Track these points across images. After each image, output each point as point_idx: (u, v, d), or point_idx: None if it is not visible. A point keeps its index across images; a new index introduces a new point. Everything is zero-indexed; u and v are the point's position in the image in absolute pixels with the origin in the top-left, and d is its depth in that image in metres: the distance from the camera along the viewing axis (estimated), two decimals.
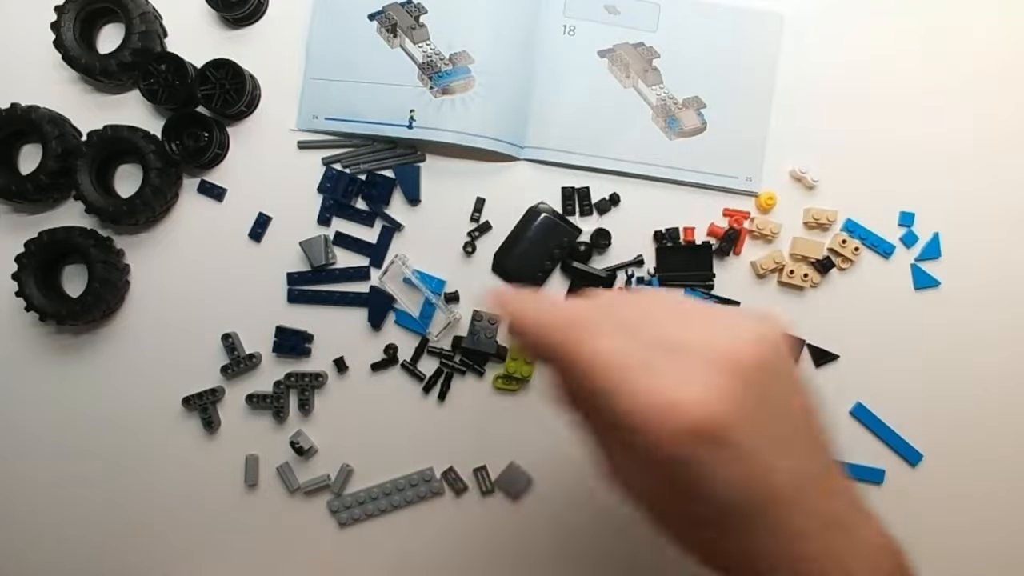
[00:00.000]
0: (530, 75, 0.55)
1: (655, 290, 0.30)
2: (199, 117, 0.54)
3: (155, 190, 0.53)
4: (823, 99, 0.55)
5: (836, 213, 0.54)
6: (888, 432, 0.54)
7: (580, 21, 0.55)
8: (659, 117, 0.55)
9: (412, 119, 0.53)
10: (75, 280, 0.56)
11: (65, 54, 0.54)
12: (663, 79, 0.54)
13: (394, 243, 0.56)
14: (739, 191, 0.55)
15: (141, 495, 0.57)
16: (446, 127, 0.53)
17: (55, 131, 0.53)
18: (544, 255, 0.55)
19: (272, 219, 0.56)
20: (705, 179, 0.55)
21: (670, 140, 0.55)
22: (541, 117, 0.55)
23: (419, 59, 0.54)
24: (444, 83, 0.53)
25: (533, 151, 0.55)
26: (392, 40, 0.54)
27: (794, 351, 0.29)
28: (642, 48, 0.55)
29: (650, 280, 0.54)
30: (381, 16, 0.55)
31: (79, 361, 0.57)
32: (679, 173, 0.55)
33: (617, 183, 0.55)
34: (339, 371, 0.56)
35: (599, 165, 0.55)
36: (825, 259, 0.54)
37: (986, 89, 0.55)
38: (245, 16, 0.55)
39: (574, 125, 0.55)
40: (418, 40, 0.54)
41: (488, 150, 0.54)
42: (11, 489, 0.57)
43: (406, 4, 0.54)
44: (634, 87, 0.54)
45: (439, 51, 0.53)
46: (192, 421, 0.56)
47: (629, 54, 0.55)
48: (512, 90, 0.54)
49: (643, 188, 0.55)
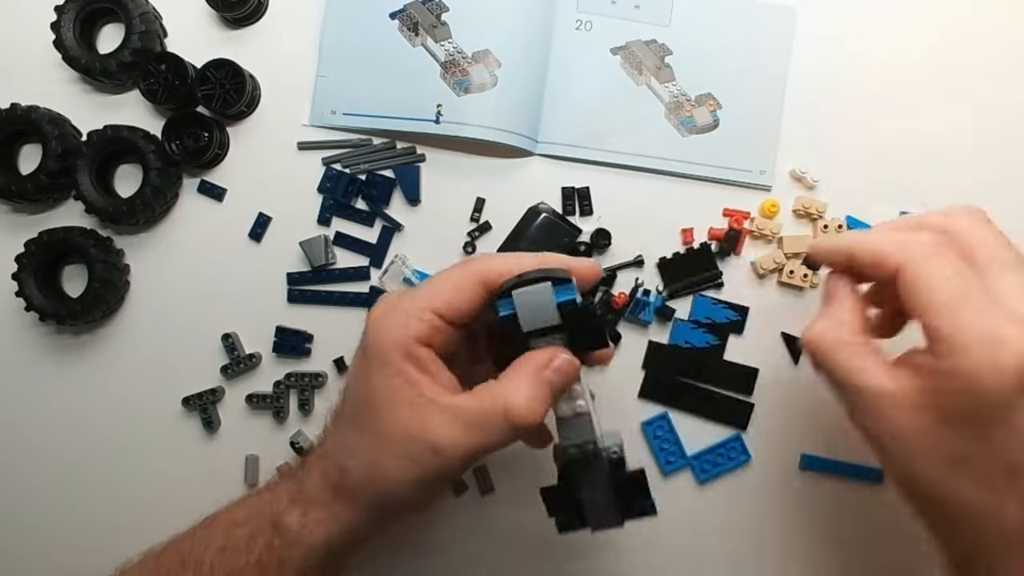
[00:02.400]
0: (544, 71, 0.55)
1: (991, 227, 0.34)
2: (199, 117, 0.54)
3: (155, 190, 0.53)
4: (822, 99, 0.55)
5: (826, 205, 0.54)
6: None
7: (595, 16, 0.55)
8: (672, 114, 0.55)
9: (440, 114, 0.53)
10: (75, 280, 0.56)
11: (65, 54, 0.54)
12: (675, 76, 0.55)
13: (394, 243, 0.56)
14: (753, 185, 0.55)
15: (141, 495, 0.56)
16: (471, 122, 0.53)
17: (55, 131, 0.53)
18: None
19: (272, 219, 0.56)
20: (718, 173, 0.55)
21: (683, 137, 0.55)
22: (554, 113, 0.55)
23: (441, 57, 0.54)
24: (467, 83, 0.53)
25: (546, 146, 0.55)
26: (414, 39, 0.54)
27: None
28: (654, 45, 0.55)
29: (658, 294, 0.54)
30: (402, 14, 0.54)
31: (79, 361, 0.57)
32: (692, 167, 0.55)
33: (630, 178, 0.55)
34: (339, 371, 0.56)
35: (611, 160, 0.55)
36: None
37: (987, 89, 0.55)
38: (245, 16, 0.55)
39: (586, 121, 0.55)
40: (440, 38, 0.54)
41: (506, 145, 0.54)
42: (10, 489, 0.57)
43: (427, 2, 0.54)
44: (647, 84, 0.54)
45: (461, 49, 0.53)
46: (192, 421, 0.56)
47: (641, 51, 0.55)
48: (529, 86, 0.54)
49: (655, 183, 0.55)
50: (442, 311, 0.37)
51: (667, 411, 0.54)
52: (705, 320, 0.54)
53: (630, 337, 0.55)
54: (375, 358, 0.37)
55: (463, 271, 0.38)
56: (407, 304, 0.37)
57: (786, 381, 0.54)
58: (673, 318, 0.54)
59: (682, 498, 0.54)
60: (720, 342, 0.54)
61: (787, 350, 0.54)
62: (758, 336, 0.54)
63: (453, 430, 0.35)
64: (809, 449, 0.54)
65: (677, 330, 0.54)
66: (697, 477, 0.54)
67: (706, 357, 0.54)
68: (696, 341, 0.54)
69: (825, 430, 0.54)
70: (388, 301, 0.39)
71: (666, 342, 0.55)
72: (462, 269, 0.38)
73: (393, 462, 0.36)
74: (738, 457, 0.54)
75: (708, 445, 0.54)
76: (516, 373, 0.36)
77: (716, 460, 0.54)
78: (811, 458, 0.54)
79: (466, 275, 0.38)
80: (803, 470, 0.54)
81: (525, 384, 0.35)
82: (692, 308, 0.54)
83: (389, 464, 0.36)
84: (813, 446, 0.54)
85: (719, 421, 0.54)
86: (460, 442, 0.35)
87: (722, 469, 0.54)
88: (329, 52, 0.56)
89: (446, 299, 0.37)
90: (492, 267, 0.37)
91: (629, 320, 0.55)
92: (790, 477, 0.54)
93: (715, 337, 0.54)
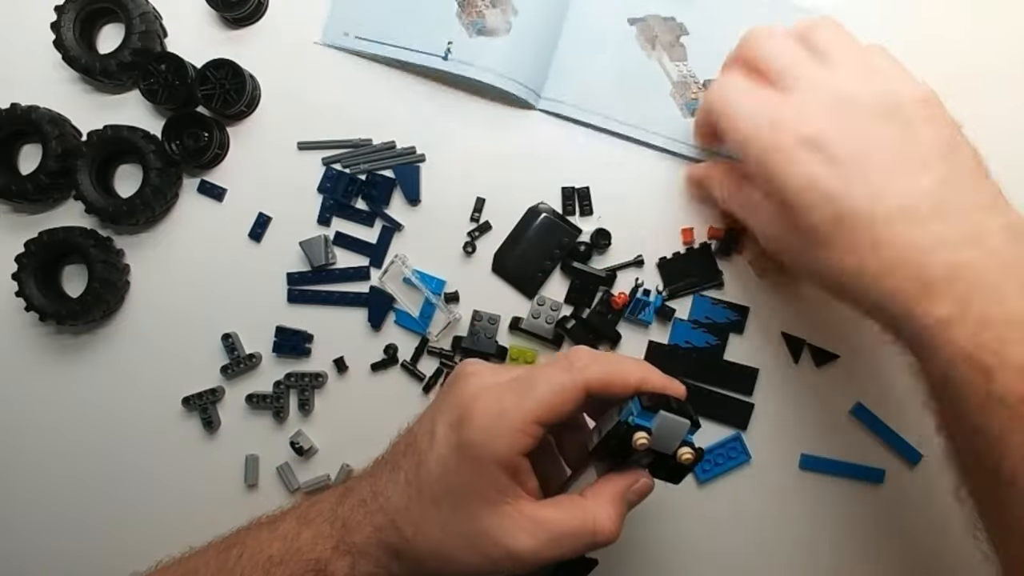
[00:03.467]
0: (559, 28, 0.55)
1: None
2: (199, 117, 0.54)
3: (155, 190, 0.53)
4: None
5: None
6: (888, 432, 0.54)
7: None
8: (677, 94, 0.54)
9: (448, 51, 0.53)
10: (75, 280, 0.56)
11: (65, 54, 0.54)
12: (688, 56, 0.54)
13: (394, 243, 0.56)
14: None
15: (141, 495, 0.57)
16: (478, 63, 0.53)
17: (55, 131, 0.53)
18: (544, 255, 0.55)
19: (272, 219, 0.56)
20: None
21: (685, 118, 0.54)
22: (561, 71, 0.55)
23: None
24: (481, 24, 0.54)
25: (549, 103, 0.55)
26: None
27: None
28: (672, 23, 0.54)
29: (658, 294, 0.54)
30: None
31: (79, 361, 0.57)
32: (691, 149, 0.54)
33: (627, 151, 0.55)
34: (339, 371, 0.56)
35: (610, 127, 0.55)
36: None
37: (987, 89, 0.55)
38: (245, 16, 0.56)
39: (591, 84, 0.55)
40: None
41: (509, 94, 0.54)
42: (10, 489, 0.57)
43: None
44: (658, 60, 0.54)
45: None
46: (192, 421, 0.56)
47: (659, 26, 0.54)
48: (541, 40, 0.54)
49: (654, 162, 0.55)
50: (546, 420, 0.36)
51: None
52: (705, 320, 0.54)
53: (630, 337, 0.55)
54: (474, 461, 0.36)
55: (571, 378, 0.37)
56: (514, 414, 0.36)
57: (786, 381, 0.54)
58: (673, 318, 0.54)
59: (682, 498, 0.54)
60: (720, 342, 0.54)
61: (787, 350, 0.54)
62: (758, 336, 0.54)
63: (535, 542, 0.36)
64: (809, 449, 0.54)
65: (677, 330, 0.54)
66: (697, 477, 0.54)
67: (706, 357, 0.54)
68: (696, 341, 0.54)
69: (825, 430, 0.54)
70: (493, 399, 0.37)
71: (666, 342, 0.55)
72: (569, 375, 0.37)
73: (466, 553, 0.36)
74: (738, 457, 0.54)
75: (708, 445, 0.54)
76: (607, 494, 0.38)
77: (716, 460, 0.54)
78: (811, 458, 0.54)
79: (575, 383, 0.37)
80: (803, 470, 0.54)
81: (615, 508, 0.37)
82: (692, 308, 0.54)
83: (461, 554, 0.36)
84: (813, 446, 0.54)
85: (719, 421, 0.54)
86: (540, 554, 0.36)
87: (722, 469, 0.54)
88: None
89: (553, 408, 0.36)
90: (598, 378, 0.37)
91: (629, 320, 0.55)
92: (790, 477, 0.54)
93: (715, 337, 0.54)
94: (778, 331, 0.55)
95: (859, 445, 0.54)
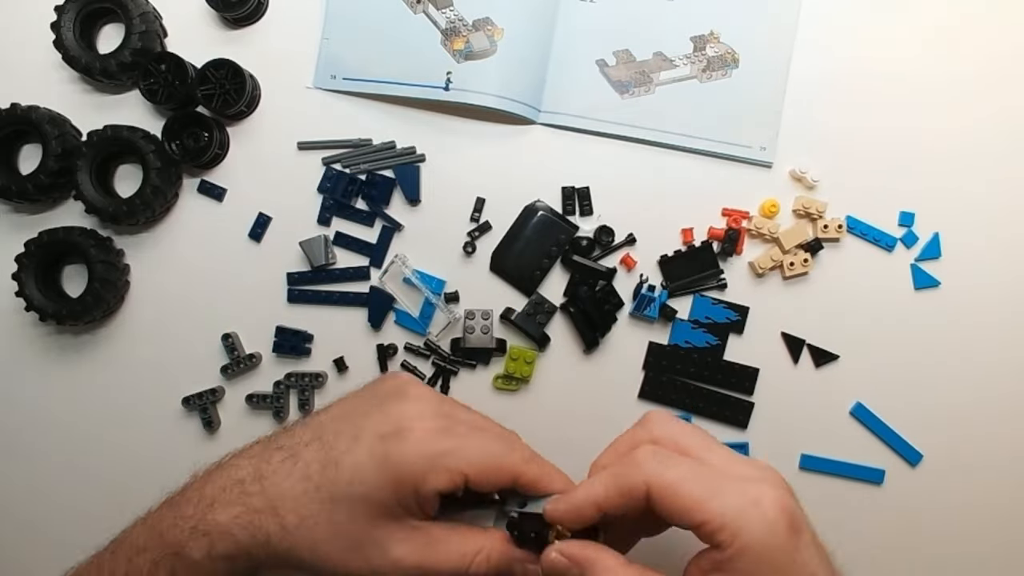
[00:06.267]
0: (549, 41, 0.55)
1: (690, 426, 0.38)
2: (199, 117, 0.54)
3: (155, 190, 0.53)
4: (823, 99, 0.55)
5: (826, 205, 0.54)
6: (888, 432, 0.54)
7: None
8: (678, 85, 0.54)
9: (449, 81, 0.53)
10: (75, 280, 0.56)
11: (65, 54, 0.54)
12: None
13: (394, 243, 0.56)
14: (754, 161, 0.55)
15: (141, 495, 0.56)
16: (473, 88, 0.54)
17: (55, 131, 0.53)
18: (542, 253, 0.55)
19: (272, 219, 0.56)
20: (719, 148, 0.54)
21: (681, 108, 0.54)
22: (557, 82, 0.55)
23: (443, 25, 0.54)
24: (468, 50, 0.54)
25: (549, 116, 0.55)
26: (415, 6, 0.54)
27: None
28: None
29: (663, 289, 0.54)
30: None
31: (79, 361, 0.57)
32: (694, 141, 0.54)
33: (632, 150, 0.55)
34: (339, 371, 0.56)
35: (613, 131, 0.55)
36: (814, 241, 0.54)
37: (988, 89, 0.55)
38: (245, 16, 0.56)
39: (589, 91, 0.55)
40: (441, 6, 0.54)
41: (509, 113, 0.54)
42: (11, 489, 0.57)
43: None
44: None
45: (462, 16, 0.54)
46: (192, 421, 0.56)
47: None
48: (532, 55, 0.54)
49: (652, 160, 0.55)
50: (471, 477, 0.36)
51: (667, 412, 0.54)
52: (705, 320, 0.54)
53: (631, 337, 0.55)
54: (396, 479, 0.36)
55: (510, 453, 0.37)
56: (453, 460, 0.36)
57: (786, 381, 0.54)
58: (674, 318, 0.54)
59: None
60: (720, 342, 0.54)
61: (787, 350, 0.55)
62: (758, 336, 0.55)
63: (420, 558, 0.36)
64: (809, 449, 0.54)
65: (677, 330, 0.54)
66: None
67: (706, 357, 0.54)
68: (696, 341, 0.54)
69: (825, 430, 0.54)
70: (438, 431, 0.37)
71: (666, 342, 0.55)
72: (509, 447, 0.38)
73: (349, 555, 0.36)
74: None
75: None
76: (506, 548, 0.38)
77: None
78: (811, 458, 0.54)
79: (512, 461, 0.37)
80: (803, 470, 0.54)
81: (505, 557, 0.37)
82: (692, 308, 0.54)
83: (343, 555, 0.36)
84: (813, 446, 0.54)
85: (719, 421, 0.54)
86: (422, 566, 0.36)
87: None
88: (335, 15, 0.55)
89: (482, 470, 0.36)
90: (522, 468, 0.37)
91: (634, 317, 0.55)
92: (790, 477, 0.53)
93: (715, 337, 0.54)
94: (778, 331, 0.55)
95: (859, 445, 0.54)
